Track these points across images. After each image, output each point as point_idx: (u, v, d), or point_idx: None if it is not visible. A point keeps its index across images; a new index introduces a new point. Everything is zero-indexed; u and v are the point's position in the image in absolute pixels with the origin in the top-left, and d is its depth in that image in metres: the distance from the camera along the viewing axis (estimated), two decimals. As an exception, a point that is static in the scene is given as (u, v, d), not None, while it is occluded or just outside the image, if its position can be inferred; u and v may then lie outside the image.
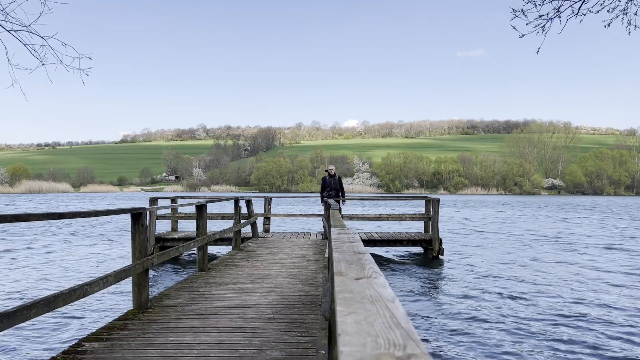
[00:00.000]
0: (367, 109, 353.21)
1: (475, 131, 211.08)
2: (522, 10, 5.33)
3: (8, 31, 5.24)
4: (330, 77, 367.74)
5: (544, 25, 5.46)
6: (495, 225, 25.44)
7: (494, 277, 10.61)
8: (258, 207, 19.36)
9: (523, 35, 5.55)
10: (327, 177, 13.49)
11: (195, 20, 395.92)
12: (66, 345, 4.67)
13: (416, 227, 20.09)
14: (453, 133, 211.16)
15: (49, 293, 4.59)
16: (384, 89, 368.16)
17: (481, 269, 11.64)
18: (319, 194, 14.05)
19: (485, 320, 7.12)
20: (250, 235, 12.74)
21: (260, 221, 14.43)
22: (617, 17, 5.47)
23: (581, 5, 5.33)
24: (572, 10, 5.36)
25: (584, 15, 5.40)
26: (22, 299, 8.41)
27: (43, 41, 5.31)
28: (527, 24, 5.45)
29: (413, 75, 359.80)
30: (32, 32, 5.26)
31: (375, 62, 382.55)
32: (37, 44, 5.35)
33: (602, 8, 5.40)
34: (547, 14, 5.39)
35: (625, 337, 6.41)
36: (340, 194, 13.48)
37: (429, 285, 9.69)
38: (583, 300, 8.50)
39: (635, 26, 5.53)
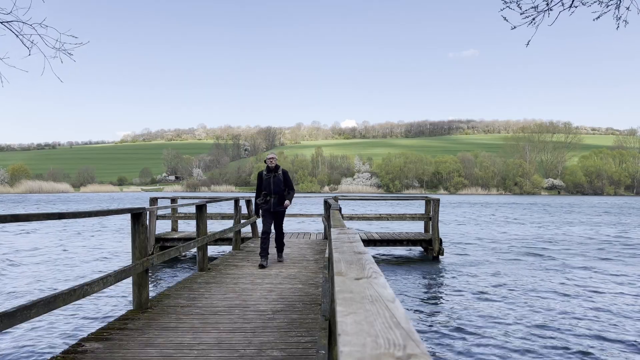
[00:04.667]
0: (367, 109, 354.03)
1: (476, 131, 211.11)
2: (514, 1, 5.32)
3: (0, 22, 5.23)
4: (330, 77, 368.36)
5: (535, 17, 5.46)
6: (495, 226, 25.43)
7: (494, 277, 10.61)
8: (258, 207, 19.32)
9: (514, 27, 5.55)
10: (264, 173, 8.16)
11: (195, 20, 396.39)
12: (66, 345, 4.67)
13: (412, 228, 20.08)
14: (453, 133, 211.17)
15: (48, 293, 4.58)
16: (384, 89, 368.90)
17: (481, 269, 11.65)
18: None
19: (485, 321, 7.12)
20: (250, 235, 12.73)
21: (260, 221, 14.40)
22: (605, 13, 5.45)
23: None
24: (563, 4, 5.35)
25: (576, 7, 5.39)
26: (21, 298, 8.41)
27: (30, 29, 5.26)
28: (521, 14, 5.45)
29: (413, 75, 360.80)
30: (18, 20, 5.22)
31: (375, 62, 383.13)
32: (22, 32, 5.30)
33: (594, 2, 5.39)
34: (537, 7, 5.38)
35: (625, 338, 6.42)
36: (285, 200, 8.18)
37: (429, 286, 9.69)
38: (582, 301, 8.50)
39: (625, 21, 5.52)
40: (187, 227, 17.82)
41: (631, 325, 6.95)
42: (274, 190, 8.10)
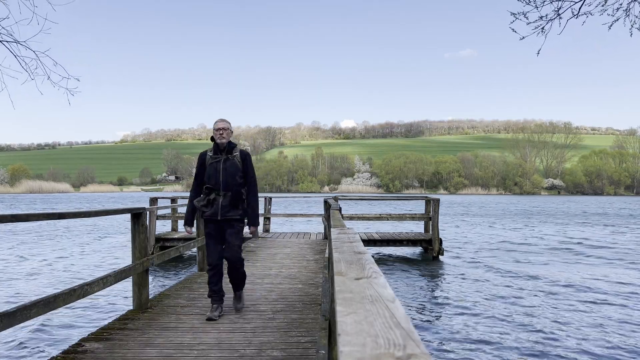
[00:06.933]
0: (367, 109, 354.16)
1: (476, 131, 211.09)
2: (522, 12, 5.34)
3: (0, 42, 5.32)
4: (330, 77, 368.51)
5: (544, 26, 5.47)
6: (495, 226, 25.43)
7: (494, 277, 10.61)
8: (258, 207, 19.32)
9: (523, 38, 5.56)
10: (209, 155, 4.91)
11: (195, 20, 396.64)
12: (66, 345, 4.67)
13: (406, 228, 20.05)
14: (453, 133, 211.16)
15: (48, 293, 4.58)
16: (384, 89, 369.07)
17: (481, 269, 11.65)
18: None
19: (484, 321, 7.12)
20: (250, 235, 12.72)
21: (260, 221, 14.38)
22: (616, 20, 5.47)
23: (581, 6, 5.33)
24: (572, 12, 5.36)
25: (586, 16, 5.39)
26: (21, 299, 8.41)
27: (35, 55, 5.41)
28: (528, 24, 5.46)
29: (412, 75, 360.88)
30: (27, 47, 5.35)
31: (375, 62, 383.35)
32: (29, 57, 5.45)
33: (604, 10, 5.40)
34: (547, 16, 5.40)
35: (622, 339, 6.42)
36: (244, 203, 4.84)
37: (428, 286, 9.69)
38: (581, 304, 8.50)
39: (638, 28, 5.52)
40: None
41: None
42: (223, 183, 4.71)
